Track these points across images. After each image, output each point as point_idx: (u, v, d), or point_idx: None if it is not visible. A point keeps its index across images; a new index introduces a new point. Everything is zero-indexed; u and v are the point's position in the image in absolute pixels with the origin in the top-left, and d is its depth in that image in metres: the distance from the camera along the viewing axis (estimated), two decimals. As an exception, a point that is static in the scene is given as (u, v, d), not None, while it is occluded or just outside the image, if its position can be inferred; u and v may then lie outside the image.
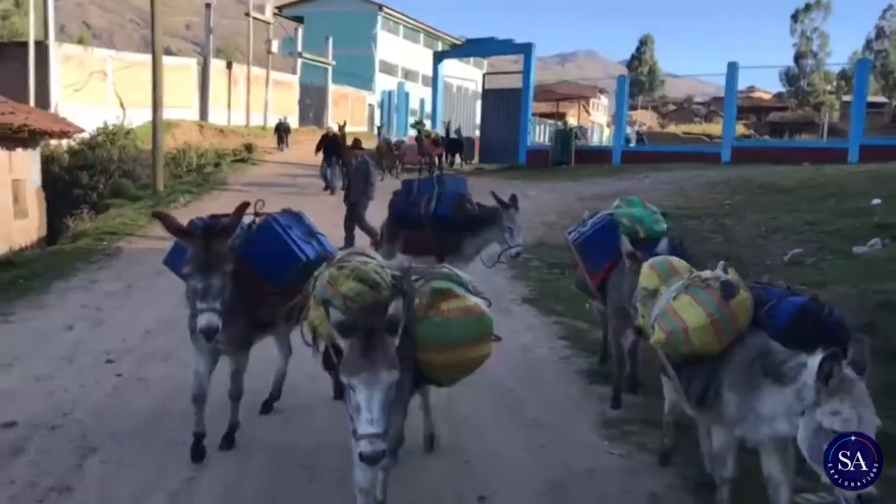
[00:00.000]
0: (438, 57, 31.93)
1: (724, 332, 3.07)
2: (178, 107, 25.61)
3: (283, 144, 27.30)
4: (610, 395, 5.02)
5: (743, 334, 3.08)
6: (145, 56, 21.54)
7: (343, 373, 2.64)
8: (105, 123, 21.29)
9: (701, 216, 12.09)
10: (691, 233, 10.20)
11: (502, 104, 27.46)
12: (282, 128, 27.57)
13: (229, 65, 31.37)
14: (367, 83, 42.71)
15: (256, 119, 31.76)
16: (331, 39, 37.94)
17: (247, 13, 32.09)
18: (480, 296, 3.40)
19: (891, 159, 16.85)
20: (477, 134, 31.15)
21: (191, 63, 30.11)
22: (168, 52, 39.92)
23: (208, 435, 4.01)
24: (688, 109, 70.31)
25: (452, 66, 36.15)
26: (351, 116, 32.73)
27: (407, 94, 41.40)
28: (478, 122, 31.82)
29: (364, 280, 3.07)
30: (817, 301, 3.14)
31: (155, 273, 7.56)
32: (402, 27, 47.49)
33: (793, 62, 61.51)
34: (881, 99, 50.12)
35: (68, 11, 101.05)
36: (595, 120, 54.71)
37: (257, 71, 32.11)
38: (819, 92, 60.23)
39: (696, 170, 19.19)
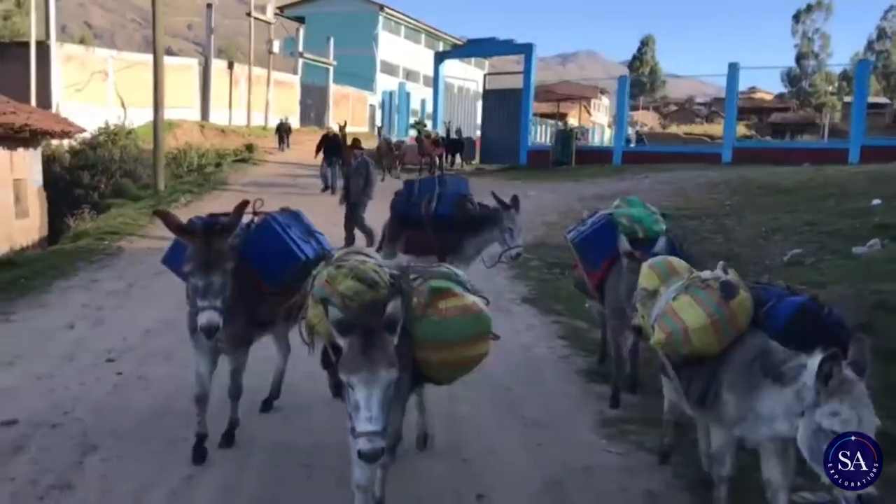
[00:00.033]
0: (439, 57, 31.98)
1: (724, 333, 3.06)
2: (180, 107, 25.65)
3: (284, 145, 27.35)
4: (608, 395, 5.03)
5: (743, 334, 3.07)
6: (146, 56, 21.56)
7: (342, 371, 2.64)
8: (106, 123, 21.37)
9: (701, 216, 12.09)
10: (691, 233, 10.19)
11: (503, 104, 27.51)
12: (283, 128, 27.62)
13: (230, 65, 31.42)
14: (369, 83, 42.73)
15: (257, 119, 31.80)
16: (332, 40, 37.98)
17: (248, 13, 32.13)
18: (478, 294, 3.41)
19: (892, 160, 16.82)
20: (478, 134, 31.16)
21: (192, 63, 30.17)
22: (169, 53, 39.93)
23: (208, 433, 4.02)
24: (689, 110, 70.35)
25: (453, 67, 36.15)
26: (352, 117, 32.74)
27: (408, 95, 41.39)
28: (479, 123, 31.82)
29: (362, 279, 3.07)
30: (817, 301, 3.13)
31: (155, 273, 7.57)
32: (404, 27, 47.50)
33: (794, 63, 61.57)
34: (882, 100, 50.15)
35: (70, 11, 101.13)
36: (596, 120, 54.68)
37: (258, 71, 32.14)
38: (820, 93, 60.26)
39: (697, 170, 19.18)
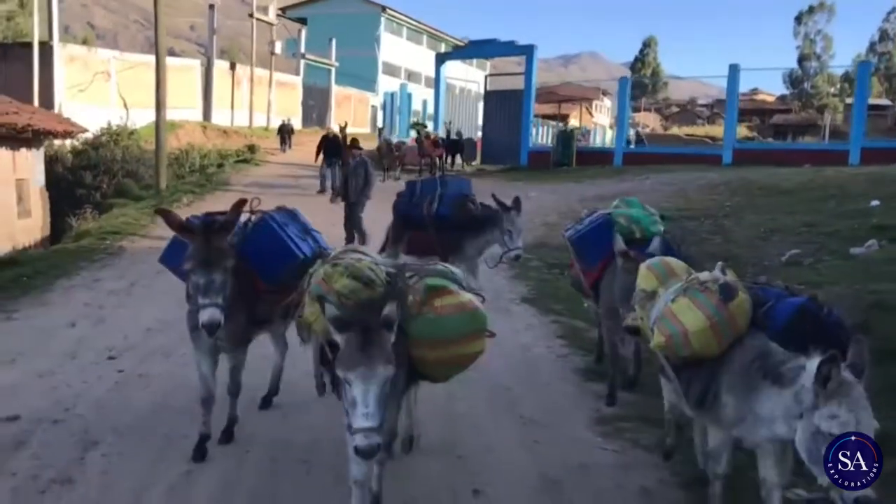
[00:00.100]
0: (441, 58, 32.03)
1: (724, 335, 3.07)
2: (182, 107, 25.70)
3: (286, 145, 27.40)
4: (606, 393, 5.06)
5: (742, 336, 3.08)
6: (149, 57, 21.62)
7: (339, 368, 2.66)
8: (109, 124, 21.46)
9: (700, 217, 12.11)
10: (690, 234, 10.22)
11: (504, 105, 27.55)
12: (285, 129, 27.68)
13: (233, 66, 31.49)
14: (370, 84, 42.77)
15: (259, 120, 31.85)
16: (334, 41, 38.04)
17: (250, 14, 32.21)
18: (474, 292, 3.43)
19: (892, 162, 16.81)
20: (479, 135, 31.19)
21: (194, 64, 30.25)
22: (172, 53, 39.97)
23: (211, 434, 4.06)
24: (691, 111, 70.32)
25: (455, 68, 36.21)
26: (354, 118, 32.77)
27: (409, 96, 41.43)
28: (480, 124, 31.86)
29: (358, 277, 3.09)
30: (816, 301, 3.13)
31: (157, 272, 7.57)
32: (406, 29, 47.55)
33: (796, 64, 61.58)
34: (884, 101, 50.10)
35: (73, 12, 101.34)
36: (598, 122, 54.73)
37: (260, 72, 32.19)
38: (822, 94, 60.29)
39: (698, 171, 19.19)
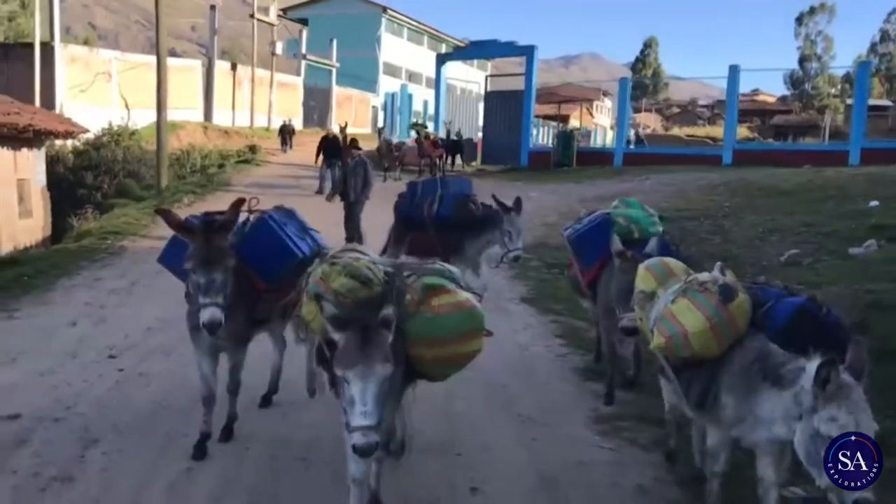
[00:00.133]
0: (442, 59, 32.08)
1: (724, 336, 3.08)
2: (183, 108, 25.74)
3: (287, 146, 27.44)
4: (604, 392, 5.08)
5: (742, 337, 3.08)
6: (150, 57, 21.65)
7: (338, 366, 2.67)
8: (110, 124, 21.50)
9: (700, 217, 12.13)
10: (690, 234, 10.26)
11: (505, 106, 27.59)
12: (286, 129, 27.73)
13: (234, 66, 31.53)
14: (371, 85, 42.80)
15: (260, 120, 31.88)
16: (335, 41, 38.09)
17: (251, 15, 32.24)
18: (472, 291, 3.45)
19: (892, 162, 16.82)
20: (479, 136, 31.22)
21: (195, 64, 30.28)
22: (173, 54, 40.05)
23: (212, 433, 4.09)
24: (692, 112, 70.28)
25: (456, 69, 36.24)
26: (355, 118, 32.79)
27: (410, 96, 41.49)
28: (480, 124, 31.90)
29: (356, 276, 3.09)
30: (815, 301, 3.13)
31: (157, 272, 7.56)
32: (406, 29, 47.59)
33: (797, 65, 61.59)
34: (885, 102, 50.07)
35: (74, 13, 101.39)
36: (599, 122, 54.75)
37: (261, 73, 32.23)
38: (823, 95, 60.32)
39: (698, 172, 19.21)
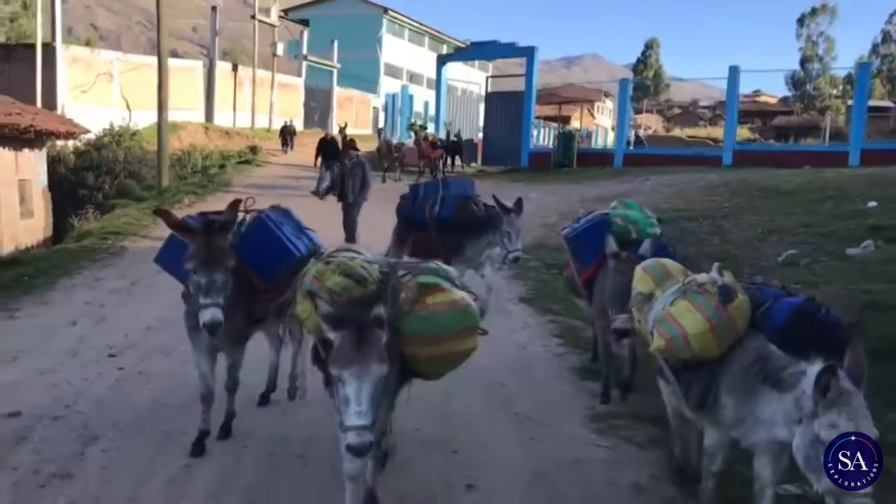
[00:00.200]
0: (442, 60, 32.09)
1: (723, 337, 3.09)
2: (184, 109, 25.79)
3: (288, 147, 27.49)
4: (600, 391, 5.11)
5: (741, 338, 3.09)
6: (151, 58, 21.71)
7: (333, 365, 2.68)
8: (111, 125, 21.55)
9: (699, 218, 12.13)
10: (689, 234, 10.27)
11: (505, 107, 27.60)
12: (287, 130, 27.79)
13: (235, 67, 31.58)
14: (372, 86, 42.84)
15: (261, 121, 31.93)
16: (336, 42, 38.12)
17: (252, 16, 32.28)
18: (467, 290, 3.47)
19: (892, 163, 16.80)
20: (480, 136, 31.25)
21: (196, 65, 30.33)
22: (174, 55, 40.13)
23: (210, 430, 4.11)
24: (693, 113, 70.27)
25: (456, 70, 36.26)
26: (356, 119, 32.87)
27: (411, 97, 41.51)
28: (481, 125, 31.94)
29: (350, 275, 3.10)
30: (814, 301, 3.14)
31: (157, 272, 7.57)
32: (407, 30, 47.63)
33: (798, 66, 61.59)
34: (887, 103, 50.05)
35: (76, 13, 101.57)
36: (600, 123, 54.75)
37: (262, 73, 32.28)
38: (824, 96, 60.32)
39: (698, 173, 19.21)
